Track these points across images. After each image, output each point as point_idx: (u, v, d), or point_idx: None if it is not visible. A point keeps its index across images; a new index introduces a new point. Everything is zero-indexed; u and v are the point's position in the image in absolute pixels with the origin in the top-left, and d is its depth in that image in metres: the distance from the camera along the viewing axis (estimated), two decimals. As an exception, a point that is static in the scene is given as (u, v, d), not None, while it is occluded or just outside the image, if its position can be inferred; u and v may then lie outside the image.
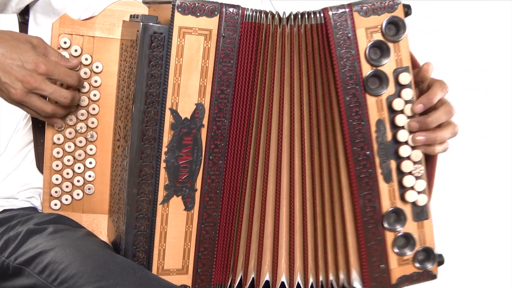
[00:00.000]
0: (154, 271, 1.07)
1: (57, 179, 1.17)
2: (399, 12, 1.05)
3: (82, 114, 1.16)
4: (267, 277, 1.14)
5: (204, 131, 1.06)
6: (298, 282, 1.14)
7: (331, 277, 1.13)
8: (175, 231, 1.07)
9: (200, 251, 1.09)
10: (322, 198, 1.11)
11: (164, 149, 1.05)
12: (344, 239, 1.10)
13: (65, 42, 1.14)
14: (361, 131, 1.06)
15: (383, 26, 1.05)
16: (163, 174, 1.05)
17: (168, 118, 1.04)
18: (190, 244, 1.09)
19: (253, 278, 1.14)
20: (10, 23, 1.32)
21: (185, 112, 1.05)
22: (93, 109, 1.16)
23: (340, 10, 1.04)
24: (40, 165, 1.19)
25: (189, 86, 1.04)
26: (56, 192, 1.17)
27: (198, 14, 1.03)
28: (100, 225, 1.19)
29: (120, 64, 1.15)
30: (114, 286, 0.97)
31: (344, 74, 1.05)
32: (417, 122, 1.07)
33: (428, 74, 1.10)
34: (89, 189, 1.18)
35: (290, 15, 1.07)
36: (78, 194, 1.18)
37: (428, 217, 1.10)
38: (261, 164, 1.11)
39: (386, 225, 1.08)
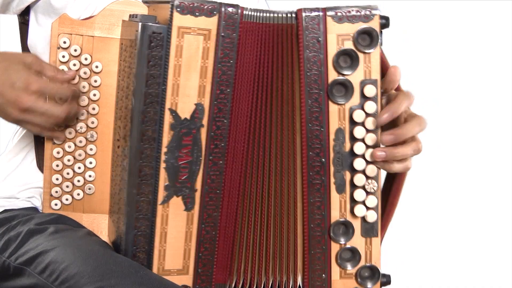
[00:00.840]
0: (155, 271, 1.07)
1: (57, 179, 1.17)
2: (374, 23, 1.04)
3: (82, 114, 1.16)
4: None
5: (203, 131, 1.05)
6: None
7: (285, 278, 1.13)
8: (176, 231, 1.07)
9: (200, 251, 1.09)
10: (280, 199, 1.10)
11: (164, 150, 1.04)
12: (294, 243, 1.10)
13: (64, 42, 1.14)
14: (319, 137, 1.05)
15: (355, 35, 1.03)
16: (163, 174, 1.05)
17: (167, 118, 1.04)
18: (190, 244, 1.08)
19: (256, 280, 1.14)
20: (10, 23, 1.32)
21: (185, 112, 1.04)
22: (93, 109, 1.16)
23: (314, 13, 1.03)
24: (40, 165, 1.19)
25: (189, 86, 1.04)
26: (56, 192, 1.17)
27: (197, 13, 1.03)
28: (100, 225, 1.19)
29: (120, 64, 1.15)
30: (115, 286, 0.97)
31: (309, 78, 1.04)
32: (391, 135, 1.04)
33: (395, 78, 1.06)
34: (89, 189, 1.18)
35: (267, 13, 1.06)
36: (78, 194, 1.18)
37: (377, 235, 1.09)
38: (262, 164, 1.11)
39: (332, 235, 1.07)
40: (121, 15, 1.15)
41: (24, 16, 1.26)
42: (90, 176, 1.18)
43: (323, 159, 1.05)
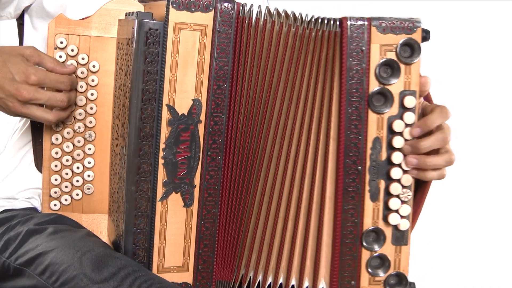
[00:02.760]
0: (155, 269, 1.07)
1: (56, 179, 1.17)
2: (416, 35, 1.05)
3: (80, 114, 1.16)
4: (270, 278, 1.14)
5: (201, 127, 1.06)
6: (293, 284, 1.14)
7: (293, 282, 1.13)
8: (175, 228, 1.07)
9: (200, 248, 1.09)
10: (308, 202, 1.10)
11: (162, 146, 1.04)
12: (317, 248, 1.09)
13: (61, 42, 1.14)
14: (357, 145, 1.06)
15: (398, 46, 1.05)
16: (161, 171, 1.05)
17: (165, 114, 1.04)
18: (190, 241, 1.08)
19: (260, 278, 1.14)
20: (9, 25, 1.33)
21: (182, 108, 1.05)
22: (91, 108, 1.16)
23: (359, 22, 1.04)
24: (39, 165, 1.19)
25: (186, 82, 1.04)
26: (55, 192, 1.17)
27: (193, 9, 1.03)
28: (100, 225, 1.19)
29: (117, 62, 1.15)
30: None
31: (351, 86, 1.05)
32: (409, 145, 1.06)
33: (425, 88, 1.08)
34: (88, 188, 1.18)
35: (311, 17, 1.07)
36: (77, 194, 1.18)
37: (407, 243, 1.10)
38: (265, 162, 1.11)
39: (364, 242, 1.08)
40: (117, 14, 1.15)
41: (19, 19, 1.27)
42: (89, 176, 1.18)
43: (359, 167, 1.06)
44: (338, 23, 1.05)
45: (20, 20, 1.27)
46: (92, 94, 1.16)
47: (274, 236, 1.11)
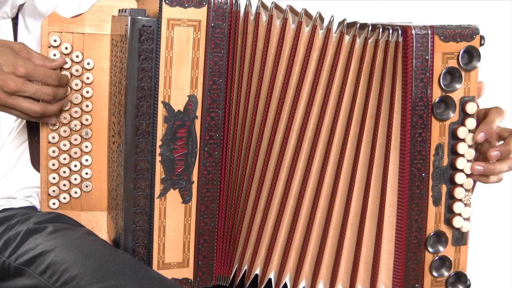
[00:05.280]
0: (155, 265, 1.07)
1: (54, 178, 1.16)
2: (475, 42, 1.07)
3: (76, 112, 1.15)
4: (271, 275, 1.14)
5: (198, 123, 1.05)
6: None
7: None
8: (174, 224, 1.07)
9: (200, 244, 1.09)
10: (361, 214, 1.10)
11: (159, 143, 1.04)
12: (375, 256, 1.10)
13: (55, 40, 1.13)
14: (421, 153, 1.07)
15: (460, 54, 1.06)
16: (158, 167, 1.05)
17: (161, 111, 1.04)
18: (189, 236, 1.08)
19: (256, 273, 1.14)
20: (4, 24, 1.32)
21: (178, 104, 1.04)
22: (87, 106, 1.16)
23: (423, 31, 1.04)
24: (35, 164, 1.19)
25: (181, 78, 1.04)
26: (53, 191, 1.17)
27: (186, 5, 1.02)
28: (99, 222, 1.19)
29: (111, 59, 1.14)
30: (116, 287, 0.97)
31: (416, 95, 1.05)
32: (497, 151, 1.10)
33: (481, 93, 1.11)
34: (86, 186, 1.18)
35: (367, 26, 1.06)
36: (76, 192, 1.17)
37: (466, 243, 1.13)
38: (272, 160, 1.11)
39: (429, 246, 1.10)
40: (110, 10, 1.14)
41: (15, 19, 1.26)
42: (86, 173, 1.18)
43: (423, 174, 1.07)
44: (399, 32, 1.04)
45: (15, 20, 1.26)
46: (87, 92, 1.15)
47: (293, 233, 1.12)
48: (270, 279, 1.14)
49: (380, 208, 1.09)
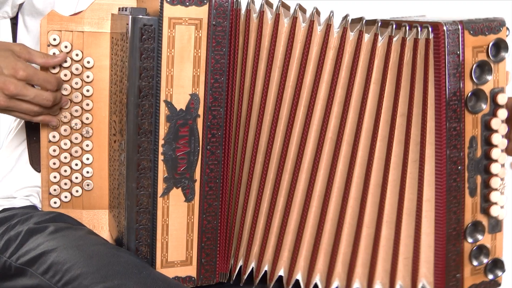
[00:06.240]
0: (158, 264, 1.07)
1: (55, 177, 1.16)
2: (502, 34, 1.08)
3: (76, 111, 1.15)
4: (281, 272, 1.15)
5: (200, 121, 1.05)
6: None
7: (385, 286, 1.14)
8: (177, 223, 1.07)
9: (203, 242, 1.09)
10: (398, 211, 1.10)
11: (161, 142, 1.04)
12: (415, 251, 1.11)
13: (54, 39, 1.13)
14: (456, 146, 1.07)
15: (489, 47, 1.07)
16: (161, 166, 1.05)
17: (163, 110, 1.03)
18: (192, 235, 1.08)
19: (265, 270, 1.15)
20: (3, 25, 1.32)
21: (180, 103, 1.04)
22: (87, 104, 1.15)
23: (454, 27, 1.05)
24: (34, 163, 1.19)
25: (183, 77, 1.04)
26: (55, 190, 1.17)
27: (187, 3, 1.02)
28: (101, 221, 1.19)
29: (112, 58, 1.14)
30: (118, 287, 0.97)
31: (450, 90, 1.06)
32: None
33: (507, 83, 1.11)
34: (87, 185, 1.18)
35: (396, 25, 1.06)
36: (77, 191, 1.17)
37: (501, 229, 1.14)
38: (277, 158, 1.11)
39: (468, 237, 1.11)
40: (109, 8, 1.14)
41: (14, 19, 1.26)
42: (87, 172, 1.17)
43: (459, 167, 1.08)
44: (429, 29, 1.04)
45: (14, 20, 1.26)
46: (87, 90, 1.15)
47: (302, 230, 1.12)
48: (280, 276, 1.15)
49: (418, 203, 1.09)
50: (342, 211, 1.11)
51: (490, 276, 1.13)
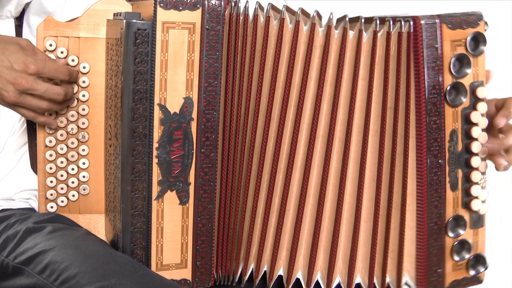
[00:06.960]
0: (153, 267, 1.08)
1: (51, 181, 1.17)
2: (481, 28, 1.08)
3: (73, 116, 1.16)
4: (280, 271, 1.15)
5: (194, 125, 1.06)
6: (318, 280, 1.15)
7: (375, 280, 1.14)
8: (172, 225, 1.08)
9: (198, 244, 1.09)
10: (387, 205, 1.11)
11: (155, 145, 1.05)
12: (400, 245, 1.11)
13: (50, 45, 1.14)
14: (437, 140, 1.08)
15: (468, 40, 1.08)
16: (155, 169, 1.06)
17: (157, 113, 1.04)
18: (187, 238, 1.09)
19: (265, 270, 1.15)
20: (6, 27, 1.33)
21: (174, 106, 1.05)
22: (83, 109, 1.16)
23: (431, 21, 1.06)
24: (34, 166, 1.20)
25: (176, 81, 1.05)
26: (51, 194, 1.17)
27: (181, 8, 1.03)
28: (97, 225, 1.19)
29: (107, 63, 1.15)
30: (115, 286, 0.97)
31: (429, 84, 1.07)
32: (503, 117, 1.10)
33: (488, 80, 1.12)
34: (84, 189, 1.18)
35: (383, 20, 1.07)
36: (73, 195, 1.18)
37: (483, 225, 1.14)
38: (271, 158, 1.11)
39: (449, 231, 1.11)
40: (105, 14, 1.15)
41: (19, 19, 1.26)
42: (84, 176, 1.18)
43: (440, 161, 1.08)
44: (411, 22, 1.05)
45: (18, 21, 1.27)
46: (83, 96, 1.16)
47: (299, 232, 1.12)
48: (280, 276, 1.15)
49: (403, 197, 1.10)
50: (339, 207, 1.11)
51: (472, 272, 1.13)
